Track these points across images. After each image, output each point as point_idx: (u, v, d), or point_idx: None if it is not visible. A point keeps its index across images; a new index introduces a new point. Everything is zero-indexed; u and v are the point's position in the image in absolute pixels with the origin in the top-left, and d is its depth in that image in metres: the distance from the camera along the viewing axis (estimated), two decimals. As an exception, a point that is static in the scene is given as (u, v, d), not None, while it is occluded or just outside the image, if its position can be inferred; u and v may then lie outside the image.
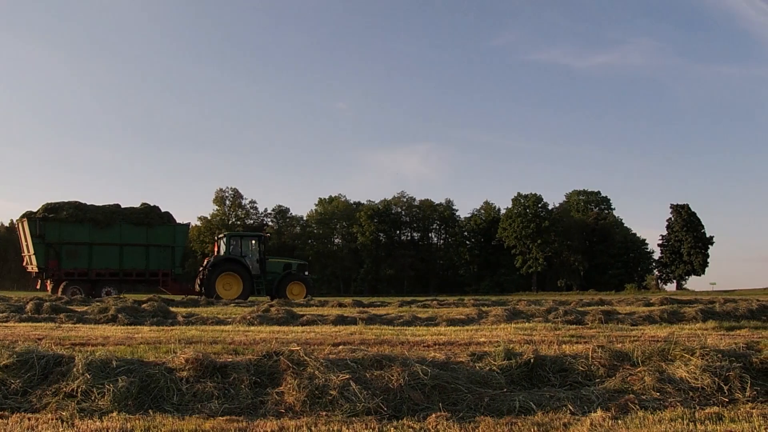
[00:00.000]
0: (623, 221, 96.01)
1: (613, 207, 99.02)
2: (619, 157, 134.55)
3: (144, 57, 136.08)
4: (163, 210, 35.82)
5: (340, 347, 7.61)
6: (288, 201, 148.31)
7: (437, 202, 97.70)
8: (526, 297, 46.90)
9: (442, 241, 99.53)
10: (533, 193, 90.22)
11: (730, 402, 5.66)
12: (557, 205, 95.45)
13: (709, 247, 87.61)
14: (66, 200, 34.11)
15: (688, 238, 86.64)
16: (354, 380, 5.66)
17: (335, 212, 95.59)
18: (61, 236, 32.91)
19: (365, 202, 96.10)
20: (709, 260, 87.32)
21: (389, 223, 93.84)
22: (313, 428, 4.90)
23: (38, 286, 35.62)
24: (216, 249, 37.43)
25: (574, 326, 13.85)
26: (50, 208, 33.39)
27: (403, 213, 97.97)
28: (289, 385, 5.71)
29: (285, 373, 5.96)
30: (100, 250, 33.71)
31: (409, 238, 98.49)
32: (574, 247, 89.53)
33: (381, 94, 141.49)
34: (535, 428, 4.92)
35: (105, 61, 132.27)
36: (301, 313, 17.05)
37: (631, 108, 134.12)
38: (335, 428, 4.91)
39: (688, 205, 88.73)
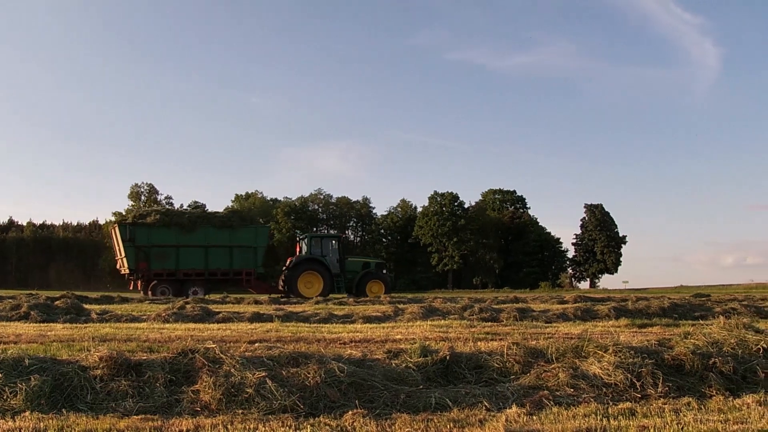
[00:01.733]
0: (538, 220, 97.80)
1: (528, 206, 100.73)
2: (535, 156, 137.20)
3: (51, 51, 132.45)
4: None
5: (257, 345, 7.57)
6: (204, 197, 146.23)
7: (354, 199, 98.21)
8: (442, 294, 47.24)
9: (358, 239, 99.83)
10: (449, 191, 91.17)
11: (642, 398, 5.80)
12: (473, 203, 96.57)
13: (621, 246, 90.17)
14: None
15: (602, 238, 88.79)
16: (270, 378, 5.62)
17: (252, 209, 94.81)
18: (150, 240, 34.86)
19: (282, 199, 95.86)
20: (621, 259, 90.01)
21: (306, 220, 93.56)
22: (229, 426, 4.85)
23: (131, 287, 37.57)
24: (298, 249, 38.37)
25: (489, 323, 13.99)
26: (139, 215, 36.11)
27: (320, 210, 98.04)
28: (204, 383, 5.63)
29: (201, 371, 5.88)
30: (186, 252, 35.48)
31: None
32: (489, 246, 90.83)
33: (297, 90, 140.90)
34: (451, 424, 4.96)
35: (11, 55, 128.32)
36: (217, 310, 16.89)
37: (546, 108, 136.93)
38: (252, 426, 4.86)
39: (601, 204, 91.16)
